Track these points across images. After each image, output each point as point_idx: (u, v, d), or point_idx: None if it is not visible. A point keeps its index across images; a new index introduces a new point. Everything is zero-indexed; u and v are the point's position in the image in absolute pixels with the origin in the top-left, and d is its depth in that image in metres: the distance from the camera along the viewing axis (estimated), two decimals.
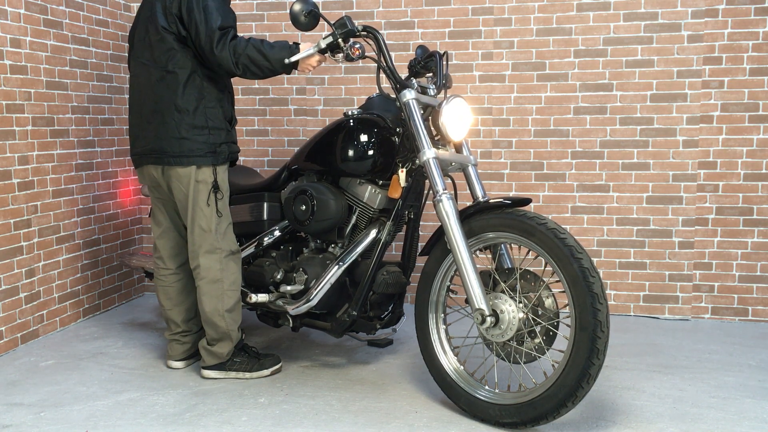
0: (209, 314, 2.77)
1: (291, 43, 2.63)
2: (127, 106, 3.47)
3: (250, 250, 3.05)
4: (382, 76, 2.63)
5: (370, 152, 2.70)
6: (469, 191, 2.66)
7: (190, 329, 2.98)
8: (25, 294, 3.30)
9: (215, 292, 2.76)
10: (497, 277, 2.41)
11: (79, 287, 3.69)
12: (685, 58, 3.61)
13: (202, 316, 2.81)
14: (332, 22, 2.55)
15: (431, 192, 2.46)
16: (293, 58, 2.57)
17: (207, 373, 2.85)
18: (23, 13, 3.25)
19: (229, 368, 2.85)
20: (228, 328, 2.79)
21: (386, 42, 2.61)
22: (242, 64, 2.58)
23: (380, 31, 2.58)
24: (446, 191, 2.41)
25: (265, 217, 3.05)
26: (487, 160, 3.87)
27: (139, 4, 4.06)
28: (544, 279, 2.36)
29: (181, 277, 2.94)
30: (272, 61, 2.57)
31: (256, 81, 4.08)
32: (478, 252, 2.52)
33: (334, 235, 2.86)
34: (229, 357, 2.84)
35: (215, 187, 2.72)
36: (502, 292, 2.38)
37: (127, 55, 3.09)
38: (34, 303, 3.36)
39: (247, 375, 2.84)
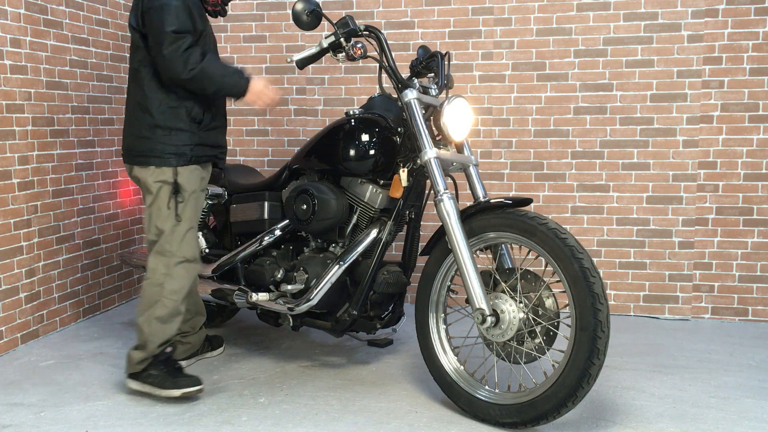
0: (137, 316, 2.66)
1: (246, 76, 2.60)
2: None
3: (251, 249, 3.05)
4: (384, 75, 2.64)
5: (372, 152, 2.70)
6: (469, 191, 2.67)
7: (192, 328, 2.98)
8: (25, 294, 3.30)
9: (152, 296, 2.63)
10: (498, 277, 2.42)
11: (79, 287, 3.69)
12: (685, 58, 3.62)
13: (135, 316, 2.71)
14: (334, 21, 2.55)
15: (432, 192, 2.46)
16: (296, 60, 2.58)
17: (127, 382, 2.69)
18: (23, 13, 3.25)
19: (143, 380, 2.64)
20: (149, 337, 2.62)
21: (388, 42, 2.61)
22: (193, 72, 2.48)
23: (382, 31, 2.58)
24: (447, 191, 2.41)
25: (266, 216, 3.05)
26: (487, 160, 3.87)
27: None
28: (545, 279, 2.36)
29: None
30: (228, 76, 2.54)
31: None
32: (478, 252, 2.52)
33: (335, 235, 2.86)
34: (144, 367, 2.65)
35: (175, 190, 2.60)
36: (503, 292, 2.38)
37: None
38: (34, 303, 3.36)
39: (157, 391, 2.61)
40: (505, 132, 3.84)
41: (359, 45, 2.55)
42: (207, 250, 3.30)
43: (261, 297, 2.88)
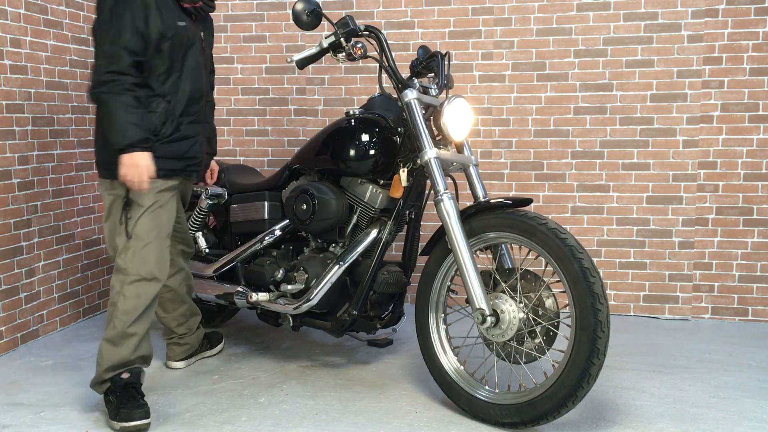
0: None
1: (134, 141, 2.31)
2: None
3: (251, 249, 3.05)
4: (384, 75, 2.64)
5: (372, 152, 2.70)
6: (469, 191, 2.67)
7: (189, 329, 2.97)
8: (25, 294, 3.30)
9: (108, 315, 2.47)
10: (498, 277, 2.41)
11: (79, 287, 3.69)
12: (685, 58, 3.62)
13: None
14: (334, 21, 2.55)
15: (432, 192, 2.46)
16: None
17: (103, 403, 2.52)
18: (23, 13, 3.25)
19: (106, 404, 2.47)
20: (98, 359, 2.46)
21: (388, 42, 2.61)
22: (99, 95, 2.31)
23: (382, 31, 2.58)
24: (447, 191, 2.41)
25: (266, 216, 3.05)
26: (487, 160, 3.87)
27: None
28: (545, 279, 2.36)
29: (171, 288, 2.82)
30: (122, 127, 2.29)
31: (256, 80, 4.08)
32: (478, 252, 2.52)
33: (335, 235, 2.86)
34: (105, 390, 2.48)
35: (126, 204, 2.43)
36: (503, 292, 2.38)
37: None
38: (34, 303, 3.36)
39: (110, 422, 2.41)
40: (505, 132, 3.84)
41: (359, 45, 2.55)
42: (207, 250, 3.30)
43: (261, 297, 2.89)
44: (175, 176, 2.52)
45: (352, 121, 2.77)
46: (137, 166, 2.34)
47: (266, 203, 3.06)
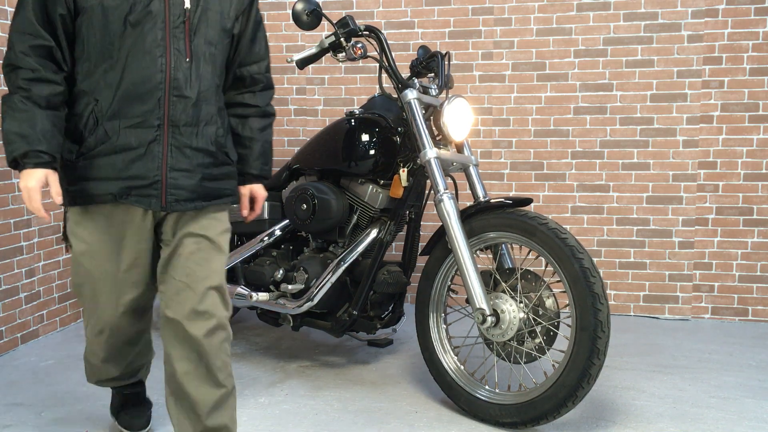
0: None
1: (19, 153, 1.74)
2: None
3: (251, 249, 3.05)
4: (384, 75, 2.64)
5: (372, 152, 2.71)
6: (469, 191, 2.67)
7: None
8: (25, 294, 3.30)
9: None
10: (498, 277, 2.42)
11: None
12: (685, 58, 3.62)
13: None
14: (334, 21, 2.55)
15: (432, 192, 2.47)
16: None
17: None
18: None
19: (112, 395, 2.40)
20: (85, 372, 2.29)
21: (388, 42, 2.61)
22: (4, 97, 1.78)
23: (382, 31, 2.58)
24: (447, 191, 2.41)
25: (266, 216, 3.05)
26: (487, 160, 3.87)
27: None
28: (545, 279, 2.36)
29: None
30: (9, 139, 1.74)
31: None
32: (478, 252, 2.52)
33: (335, 235, 2.86)
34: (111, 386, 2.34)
35: (64, 236, 1.99)
36: (503, 292, 2.38)
37: None
38: (34, 303, 3.36)
39: (112, 417, 2.39)
40: (505, 132, 3.84)
41: (359, 45, 2.55)
42: None
43: (261, 297, 2.89)
44: (113, 201, 1.82)
45: (352, 121, 2.77)
46: (24, 189, 1.77)
47: (266, 203, 3.06)
